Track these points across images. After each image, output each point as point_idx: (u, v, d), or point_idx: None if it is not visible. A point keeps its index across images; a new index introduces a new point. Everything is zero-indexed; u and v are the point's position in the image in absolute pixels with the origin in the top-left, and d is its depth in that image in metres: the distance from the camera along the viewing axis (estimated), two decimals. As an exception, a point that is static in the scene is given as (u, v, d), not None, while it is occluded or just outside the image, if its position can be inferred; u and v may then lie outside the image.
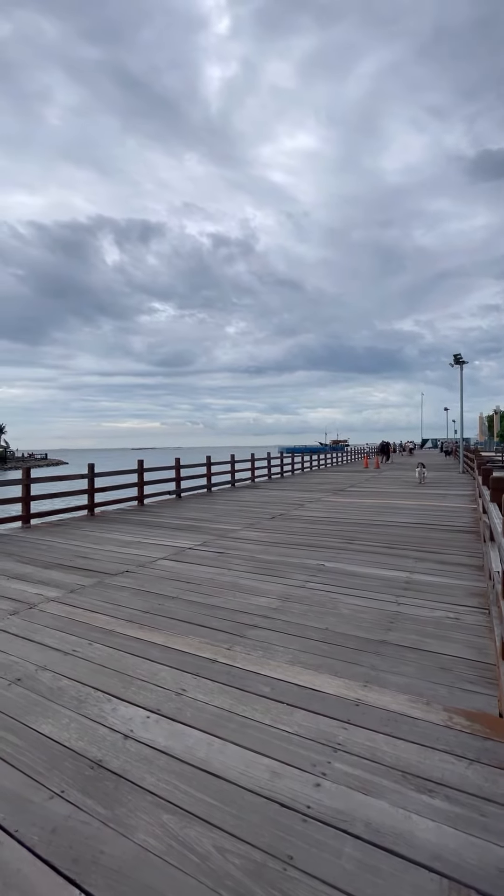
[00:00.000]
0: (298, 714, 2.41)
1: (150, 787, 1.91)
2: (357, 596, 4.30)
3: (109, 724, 2.35)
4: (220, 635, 3.43)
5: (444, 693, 2.61)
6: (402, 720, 2.35)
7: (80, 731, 2.29)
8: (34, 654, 3.17)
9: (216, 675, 2.84)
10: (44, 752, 2.13)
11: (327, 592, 4.42)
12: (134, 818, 1.75)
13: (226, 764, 2.03)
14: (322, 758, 2.07)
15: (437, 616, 3.78)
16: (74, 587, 4.67)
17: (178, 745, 2.17)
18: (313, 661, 3.00)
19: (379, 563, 5.50)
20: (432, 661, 2.99)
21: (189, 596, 4.34)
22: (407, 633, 3.44)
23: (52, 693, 2.65)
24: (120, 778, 1.96)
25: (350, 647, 3.22)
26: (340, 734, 2.24)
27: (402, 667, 2.93)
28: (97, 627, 3.61)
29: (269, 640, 3.35)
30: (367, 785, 1.90)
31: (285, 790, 1.88)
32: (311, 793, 1.86)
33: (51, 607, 4.10)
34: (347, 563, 5.51)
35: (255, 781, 1.93)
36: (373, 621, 3.68)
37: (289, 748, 2.14)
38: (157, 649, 3.21)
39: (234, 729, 2.29)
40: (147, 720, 2.38)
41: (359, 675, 2.83)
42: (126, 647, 3.24)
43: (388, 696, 2.58)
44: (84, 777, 1.97)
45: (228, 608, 4.01)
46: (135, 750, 2.14)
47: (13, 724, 2.35)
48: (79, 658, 3.09)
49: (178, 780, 1.94)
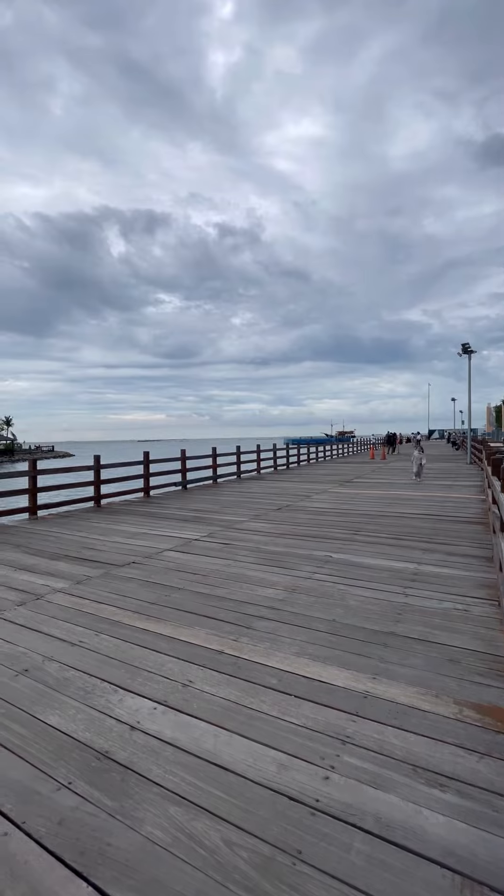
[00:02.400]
0: (306, 706, 2.39)
1: (157, 778, 1.89)
2: (364, 587, 4.27)
3: (116, 715, 2.34)
4: (227, 626, 3.42)
5: (454, 686, 2.58)
6: (412, 713, 2.32)
7: (86, 722, 2.28)
8: (41, 644, 3.17)
9: (223, 666, 2.82)
10: (51, 743, 2.13)
11: (334, 584, 4.39)
12: (141, 810, 1.74)
13: (233, 756, 2.02)
14: (330, 751, 2.04)
15: (446, 608, 3.74)
16: (81, 578, 4.68)
17: (184, 737, 2.15)
18: (321, 653, 2.98)
19: (386, 554, 5.45)
20: (441, 654, 2.96)
21: (195, 587, 4.33)
22: (415, 625, 3.40)
23: (58, 684, 2.65)
24: (127, 769, 1.95)
25: (358, 638, 3.20)
26: (349, 727, 2.21)
27: (411, 659, 2.89)
28: (104, 618, 3.61)
29: (277, 631, 3.33)
30: (376, 778, 1.87)
31: (293, 783, 1.86)
32: (320, 786, 1.84)
33: (58, 598, 4.11)
34: (354, 554, 5.48)
35: (262, 774, 1.91)
36: (380, 613, 3.65)
37: (297, 741, 2.12)
38: (163, 640, 3.20)
39: (242, 721, 2.27)
40: (154, 711, 2.37)
41: (367, 667, 2.80)
42: (132, 639, 3.23)
43: (396, 689, 2.55)
44: (91, 768, 1.96)
45: (235, 599, 3.99)
46: (141, 741, 2.13)
47: (20, 715, 2.35)
48: (85, 649, 3.09)
49: (185, 772, 1.92)
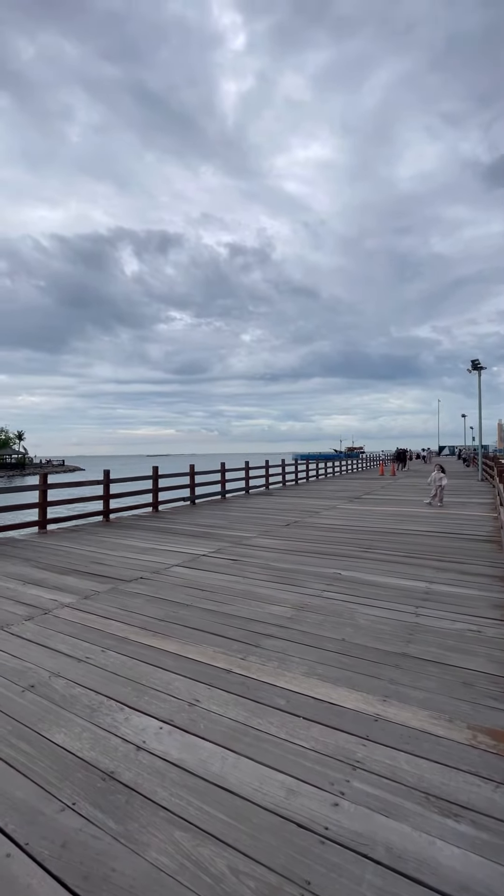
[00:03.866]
0: (315, 729, 2.34)
1: (163, 801, 1.85)
2: (375, 606, 4.20)
3: (122, 734, 2.31)
4: (235, 644, 3.37)
5: (468, 710, 2.50)
6: (424, 738, 2.26)
7: (92, 741, 2.25)
8: (48, 660, 3.15)
9: (230, 685, 2.78)
10: (56, 762, 2.10)
11: (344, 602, 4.32)
12: (146, 834, 1.70)
13: (240, 779, 1.97)
14: (340, 776, 1.99)
15: (459, 628, 3.65)
16: (89, 593, 4.67)
17: (191, 758, 2.11)
18: (330, 674, 2.92)
19: (397, 572, 5.37)
20: (454, 676, 2.88)
21: (203, 604, 4.30)
22: (427, 646, 3.32)
23: (64, 701, 2.63)
24: (132, 791, 1.91)
25: (368, 659, 3.13)
26: (359, 751, 2.16)
27: (423, 681, 2.82)
28: (111, 634, 3.59)
29: (285, 650, 3.28)
30: (388, 806, 1.82)
31: (302, 809, 1.80)
32: (330, 813, 1.79)
33: (65, 613, 4.10)
34: (364, 572, 5.40)
35: (270, 799, 1.86)
36: (391, 633, 3.58)
37: (305, 764, 2.06)
38: (170, 658, 3.16)
39: (249, 743, 2.22)
40: (160, 731, 2.33)
41: (378, 688, 2.74)
42: (139, 655, 3.20)
43: (408, 712, 2.48)
44: (96, 789, 1.93)
45: (243, 617, 3.95)
46: (147, 762, 2.10)
47: (26, 732, 2.33)
48: (92, 665, 3.06)
49: (191, 795, 1.88)
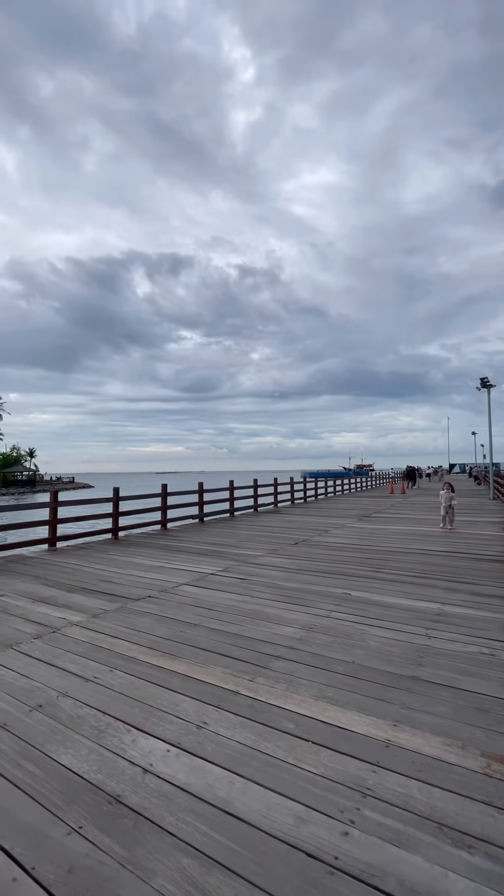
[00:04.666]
0: (325, 754, 2.29)
1: (170, 827, 1.83)
2: (385, 627, 4.13)
3: (129, 756, 2.29)
4: (243, 666, 3.34)
5: (482, 737, 2.44)
6: (437, 765, 2.20)
7: (99, 763, 2.23)
8: (56, 679, 3.15)
9: (238, 708, 2.75)
10: (63, 784, 2.09)
11: (353, 623, 4.26)
12: (153, 860, 1.68)
13: (248, 805, 1.94)
14: (350, 803, 1.95)
15: (471, 651, 3.58)
16: (97, 612, 4.67)
17: (198, 783, 2.09)
18: (340, 697, 2.88)
19: (407, 592, 5.29)
20: (467, 701, 2.82)
21: (211, 623, 4.27)
22: (439, 669, 3.26)
23: (72, 721, 2.62)
24: (139, 815, 1.89)
25: (379, 682, 3.08)
26: (370, 778, 2.11)
27: (435, 706, 2.76)
28: (119, 654, 3.58)
29: (294, 672, 3.24)
30: (399, 836, 1.77)
31: (311, 838, 1.77)
32: (339, 842, 1.75)
33: (73, 632, 4.10)
34: (374, 592, 5.33)
35: (278, 826, 1.82)
36: (402, 655, 3.52)
37: (314, 791, 2.03)
38: (178, 678, 3.14)
39: (257, 767, 2.19)
40: (167, 754, 2.31)
41: (388, 713, 2.69)
42: (147, 676, 3.19)
43: (420, 738, 2.43)
44: (102, 813, 1.91)
45: (251, 637, 3.91)
46: (154, 785, 2.07)
47: (33, 753, 2.32)
48: (100, 685, 3.05)
49: (198, 821, 1.86)
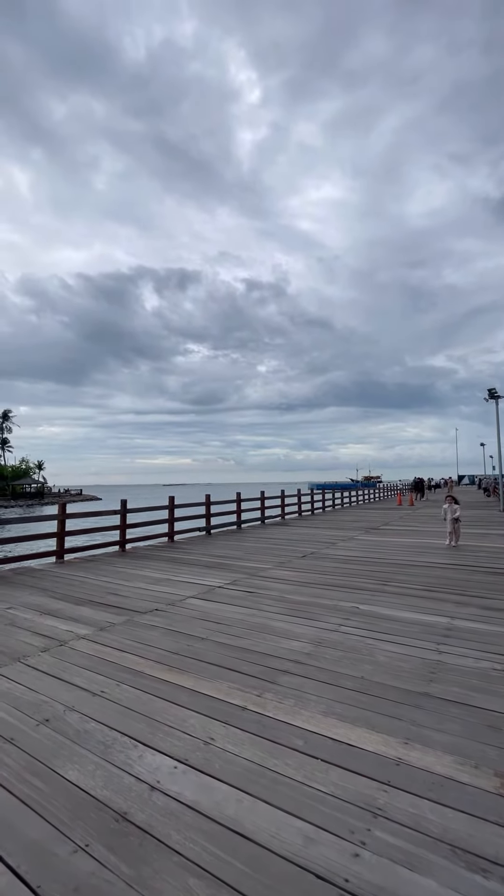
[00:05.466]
0: (334, 772, 2.25)
1: (177, 845, 1.80)
2: (394, 642, 4.07)
3: (136, 772, 2.26)
4: (251, 681, 3.30)
5: (494, 756, 2.39)
6: (449, 785, 2.15)
7: (105, 779, 2.21)
8: (63, 693, 3.14)
9: (246, 724, 2.72)
10: (69, 801, 2.07)
11: (362, 637, 4.21)
12: (159, 880, 1.65)
13: (256, 824, 1.91)
14: (361, 824, 1.91)
15: (483, 667, 3.51)
16: (104, 625, 4.66)
17: (206, 801, 2.06)
18: (349, 713, 2.83)
19: (417, 606, 5.22)
20: (479, 718, 2.76)
21: (218, 637, 4.24)
22: (450, 685, 3.20)
23: (78, 736, 2.60)
24: (145, 833, 1.87)
25: (388, 698, 3.03)
26: (380, 797, 2.07)
27: (447, 723, 2.71)
28: (126, 668, 3.56)
29: (302, 687, 3.20)
30: (411, 859, 1.73)
31: (320, 859, 1.73)
32: (350, 864, 1.71)
33: (81, 645, 4.09)
34: (383, 606, 5.27)
35: (287, 847, 1.79)
36: (412, 671, 3.46)
37: (324, 810, 1.99)
38: (185, 693, 3.11)
39: (266, 785, 2.16)
40: (174, 770, 2.28)
41: (399, 730, 2.64)
42: (154, 690, 3.16)
43: (431, 757, 2.38)
44: (109, 830, 1.89)
45: (259, 651, 3.87)
46: (161, 803, 2.05)
47: (40, 769, 2.31)
48: (107, 700, 3.04)
49: (205, 840, 1.83)
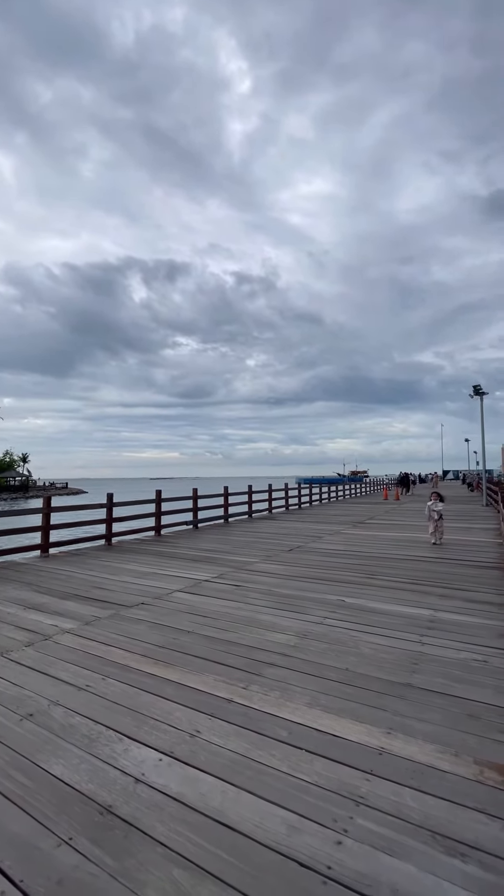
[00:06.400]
0: (318, 762, 2.29)
1: (162, 837, 1.81)
2: (379, 634, 4.13)
3: (121, 766, 2.26)
4: (236, 673, 3.32)
5: (474, 744, 2.44)
6: (430, 773, 2.20)
7: (90, 773, 2.21)
8: (48, 688, 3.12)
9: (231, 716, 2.73)
10: (53, 795, 2.06)
11: (347, 630, 4.26)
12: (144, 872, 1.66)
13: (241, 815, 1.92)
14: (343, 812, 1.94)
15: (464, 658, 3.59)
16: (90, 619, 4.63)
17: (191, 792, 2.07)
18: (334, 705, 2.87)
19: (401, 599, 5.30)
20: (460, 708, 2.82)
21: (205, 630, 4.25)
22: (432, 676, 3.26)
23: (63, 731, 2.59)
24: (130, 826, 1.87)
25: (372, 689, 3.07)
26: (363, 786, 2.10)
27: (428, 713, 2.76)
28: (111, 661, 3.55)
29: (287, 679, 3.23)
30: (392, 845, 1.77)
31: (304, 847, 1.76)
32: (332, 851, 1.74)
33: (66, 639, 4.06)
34: (368, 598, 5.33)
35: (271, 836, 1.81)
36: (396, 662, 3.52)
37: (308, 800, 2.02)
38: (171, 686, 3.12)
39: (250, 776, 2.18)
40: (159, 763, 2.29)
41: (382, 720, 2.68)
42: (140, 684, 3.16)
43: (413, 746, 2.42)
44: (93, 823, 1.89)
45: (245, 644, 3.90)
46: (146, 795, 2.05)
47: (23, 763, 2.29)
48: (92, 694, 3.02)
49: (190, 831, 1.84)
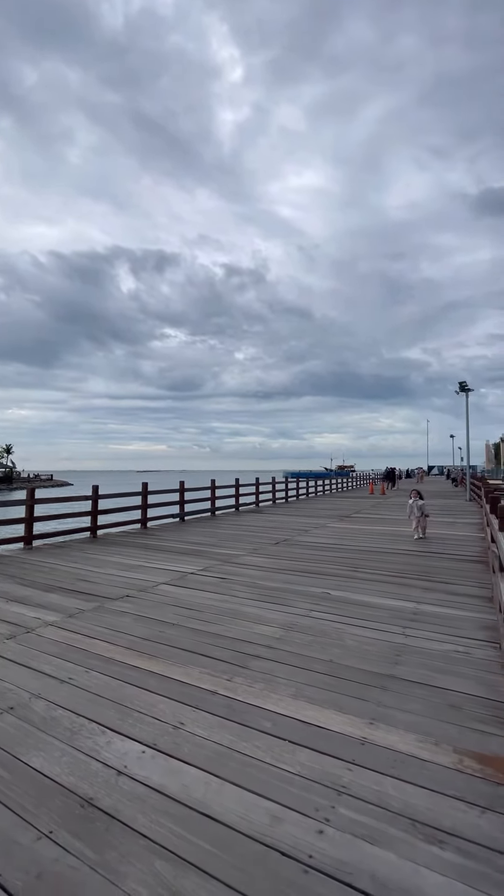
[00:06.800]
0: (302, 753, 2.30)
1: (143, 829, 1.80)
2: (363, 626, 4.18)
3: (103, 758, 2.25)
4: (221, 665, 3.32)
5: (454, 733, 2.49)
6: (411, 762, 2.23)
7: (71, 766, 2.19)
8: (29, 681, 3.08)
9: (216, 708, 2.73)
10: (33, 788, 2.04)
11: (332, 622, 4.29)
12: (125, 864, 1.65)
13: (224, 806, 1.93)
14: (326, 802, 1.96)
15: (446, 649, 3.65)
16: (74, 611, 4.59)
17: (173, 784, 2.06)
18: (317, 696, 2.89)
19: (385, 592, 5.36)
20: (441, 699, 2.87)
21: (190, 623, 4.24)
22: (415, 668, 3.31)
23: (45, 723, 2.56)
24: (111, 818, 1.86)
25: (356, 681, 3.10)
26: (345, 776, 2.12)
27: (410, 703, 2.80)
28: (95, 654, 3.52)
29: (272, 671, 3.24)
30: (373, 833, 1.79)
31: (286, 837, 1.77)
32: (314, 840, 1.75)
33: (49, 632, 4.01)
34: (353, 591, 5.38)
35: (254, 827, 1.82)
36: (379, 654, 3.56)
37: (291, 790, 2.03)
38: (155, 679, 3.10)
39: (234, 768, 2.18)
40: (142, 755, 2.27)
41: (365, 711, 2.71)
42: (124, 676, 3.14)
43: (395, 736, 2.46)
44: (74, 816, 1.87)
45: (230, 637, 3.90)
46: (128, 788, 2.04)
47: (3, 757, 2.26)
48: (75, 686, 2.99)
49: (172, 823, 1.83)
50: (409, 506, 9.59)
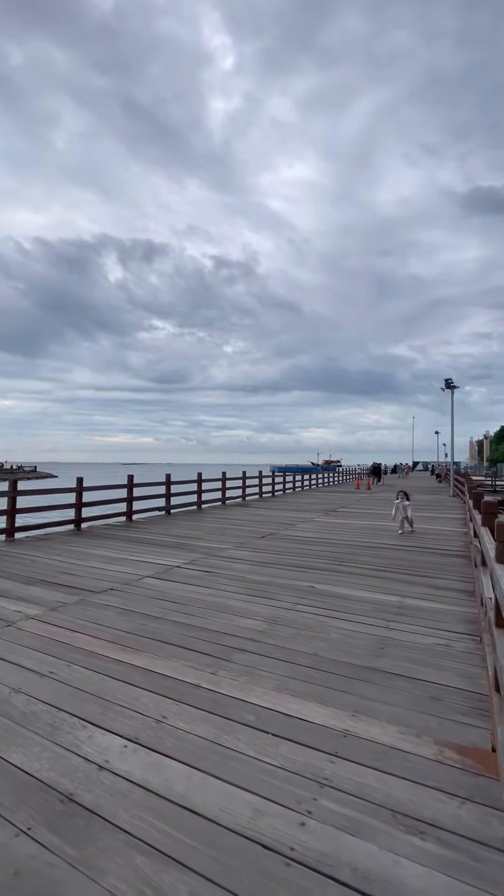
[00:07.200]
0: (284, 746, 2.30)
1: (124, 824, 1.78)
2: (347, 620, 4.20)
3: (84, 753, 2.22)
4: (205, 659, 3.31)
5: (435, 725, 2.52)
6: (392, 754, 2.25)
7: (51, 761, 2.15)
8: (9, 675, 3.02)
9: (199, 701, 2.72)
10: (12, 784, 2.00)
11: (316, 616, 4.31)
12: (105, 860, 1.63)
13: (206, 800, 1.92)
14: (308, 794, 1.96)
15: (429, 643, 3.69)
16: (56, 605, 4.52)
17: (155, 778, 2.05)
18: (301, 689, 2.90)
19: (370, 586, 5.41)
20: (423, 691, 2.90)
21: (174, 616, 4.21)
22: (397, 661, 3.34)
23: (24, 718, 2.51)
24: (92, 814, 1.83)
25: (339, 673, 3.12)
26: (327, 768, 2.13)
27: (393, 696, 2.83)
28: (77, 648, 3.47)
29: (256, 664, 3.24)
30: (354, 825, 1.79)
31: (268, 830, 1.76)
32: (296, 833, 1.75)
33: (30, 625, 3.95)
34: (338, 585, 5.42)
35: (236, 820, 1.81)
36: (363, 647, 3.59)
37: (273, 783, 2.03)
38: (138, 672, 3.08)
39: (216, 761, 2.17)
40: (124, 750, 2.25)
41: (348, 703, 2.73)
42: (106, 670, 3.10)
43: (377, 728, 2.47)
44: (54, 812, 1.84)
45: (214, 630, 3.89)
46: (109, 782, 2.02)
47: (-19, 752, 2.21)
48: (56, 681, 2.95)
49: (153, 818, 1.82)
50: (396, 506, 9.78)
